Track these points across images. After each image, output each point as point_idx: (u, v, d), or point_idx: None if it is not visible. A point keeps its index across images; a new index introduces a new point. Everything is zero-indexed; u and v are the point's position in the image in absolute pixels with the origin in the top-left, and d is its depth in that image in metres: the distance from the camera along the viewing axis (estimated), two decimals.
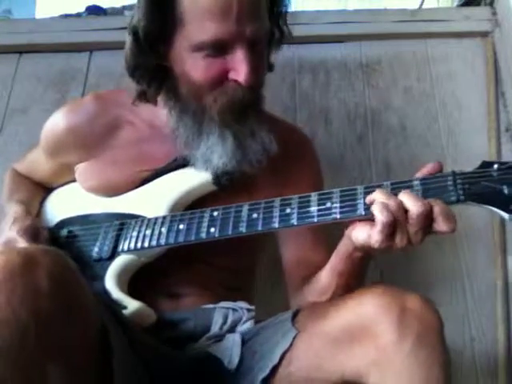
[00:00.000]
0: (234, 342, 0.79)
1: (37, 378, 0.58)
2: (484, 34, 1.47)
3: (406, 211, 0.68)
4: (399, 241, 0.68)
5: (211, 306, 0.87)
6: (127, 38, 0.86)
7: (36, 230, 0.90)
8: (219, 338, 0.82)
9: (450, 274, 1.26)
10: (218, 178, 0.88)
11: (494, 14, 1.47)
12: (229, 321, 0.84)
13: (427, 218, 0.67)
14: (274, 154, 0.89)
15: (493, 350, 1.19)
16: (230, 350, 0.78)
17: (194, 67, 0.83)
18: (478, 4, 1.52)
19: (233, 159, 0.86)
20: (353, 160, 1.36)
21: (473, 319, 1.22)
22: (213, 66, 0.82)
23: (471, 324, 1.22)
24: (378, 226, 0.67)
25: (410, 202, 0.67)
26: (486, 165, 0.70)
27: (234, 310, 0.85)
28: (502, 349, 1.19)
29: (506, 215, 0.66)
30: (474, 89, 1.42)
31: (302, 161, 1.01)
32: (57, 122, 0.98)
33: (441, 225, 0.67)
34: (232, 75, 0.82)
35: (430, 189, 0.70)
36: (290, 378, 0.73)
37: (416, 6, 1.80)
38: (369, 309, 0.69)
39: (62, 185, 1.05)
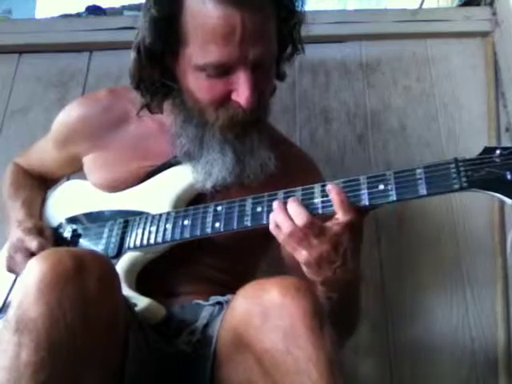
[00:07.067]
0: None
1: (81, 377, 0.59)
2: (484, 34, 1.47)
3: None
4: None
5: (201, 302, 0.87)
6: (132, 54, 0.86)
7: (40, 227, 0.93)
8: (198, 335, 0.81)
9: (450, 274, 1.26)
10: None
11: (494, 14, 1.47)
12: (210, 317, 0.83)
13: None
14: (276, 171, 0.89)
15: (493, 350, 1.19)
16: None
17: (197, 86, 0.84)
18: (478, 4, 1.52)
19: (231, 174, 0.87)
20: (353, 160, 1.36)
21: (473, 319, 1.22)
22: (216, 86, 0.82)
23: (471, 324, 1.22)
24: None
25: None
26: (488, 151, 0.69)
27: (221, 304, 0.84)
28: (501, 349, 1.19)
29: (509, 201, 0.65)
30: (473, 89, 1.42)
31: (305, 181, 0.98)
32: (70, 111, 1.01)
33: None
34: (234, 96, 0.82)
35: (433, 176, 0.70)
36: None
37: (416, 6, 1.79)
38: (238, 319, 0.68)
39: (64, 180, 1.06)
